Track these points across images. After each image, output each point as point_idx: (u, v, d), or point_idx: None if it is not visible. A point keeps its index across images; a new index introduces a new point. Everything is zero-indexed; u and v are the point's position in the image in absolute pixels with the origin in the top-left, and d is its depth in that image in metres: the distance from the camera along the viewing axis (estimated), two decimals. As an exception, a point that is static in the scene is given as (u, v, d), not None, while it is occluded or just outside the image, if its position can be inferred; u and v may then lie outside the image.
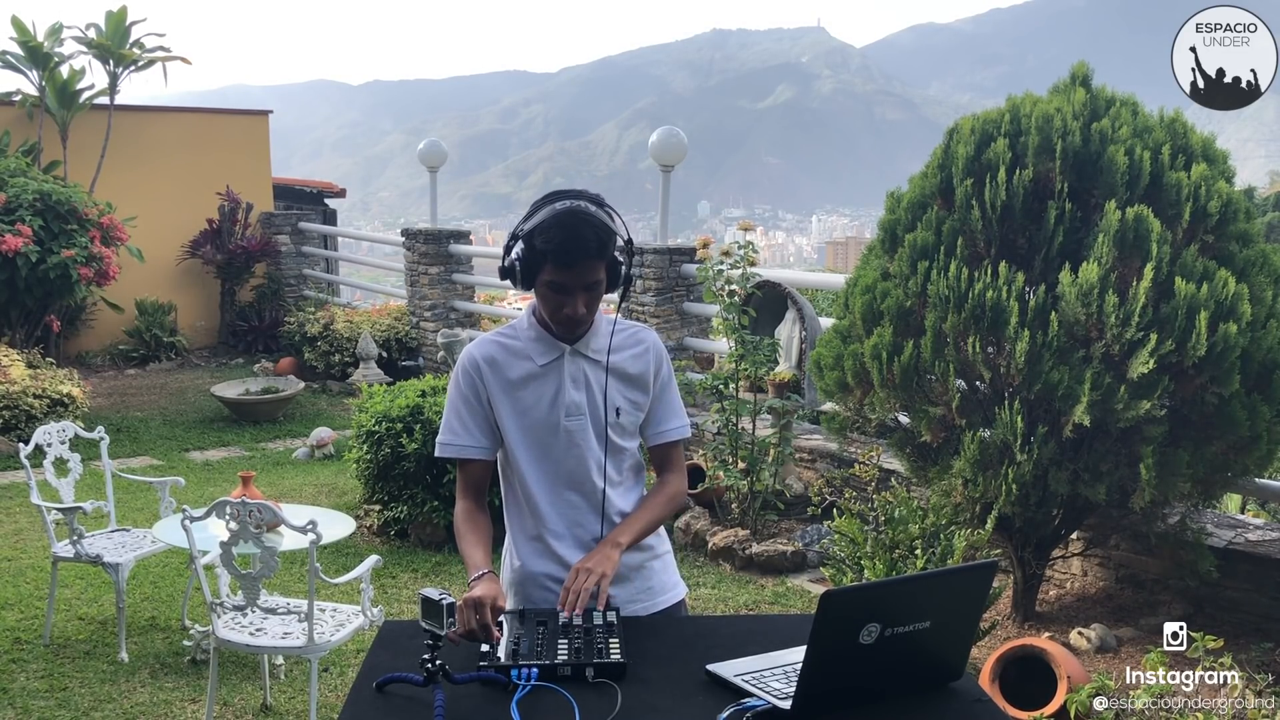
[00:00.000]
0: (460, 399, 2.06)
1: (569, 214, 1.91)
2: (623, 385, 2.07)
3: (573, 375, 2.03)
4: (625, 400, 2.07)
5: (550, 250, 1.90)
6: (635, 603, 2.10)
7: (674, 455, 2.16)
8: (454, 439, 2.07)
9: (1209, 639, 3.21)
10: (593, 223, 1.92)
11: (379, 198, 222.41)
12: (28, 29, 9.90)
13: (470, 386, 2.05)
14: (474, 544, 2.01)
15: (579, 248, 1.90)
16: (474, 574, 1.92)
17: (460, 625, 1.78)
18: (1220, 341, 3.51)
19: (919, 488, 4.43)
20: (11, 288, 8.23)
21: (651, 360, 2.10)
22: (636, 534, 2.04)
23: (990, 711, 1.69)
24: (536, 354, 2.04)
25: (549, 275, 1.93)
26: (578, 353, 2.04)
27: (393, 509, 5.36)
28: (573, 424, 2.03)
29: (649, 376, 2.10)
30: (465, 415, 2.06)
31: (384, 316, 9.98)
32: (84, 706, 3.66)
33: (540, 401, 2.03)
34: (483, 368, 2.05)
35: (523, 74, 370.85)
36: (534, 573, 2.07)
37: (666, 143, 7.42)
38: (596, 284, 1.96)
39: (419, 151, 10.27)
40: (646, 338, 2.12)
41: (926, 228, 4.01)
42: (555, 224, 1.91)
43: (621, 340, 2.07)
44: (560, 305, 1.96)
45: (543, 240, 1.91)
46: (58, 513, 4.17)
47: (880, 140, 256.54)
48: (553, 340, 2.04)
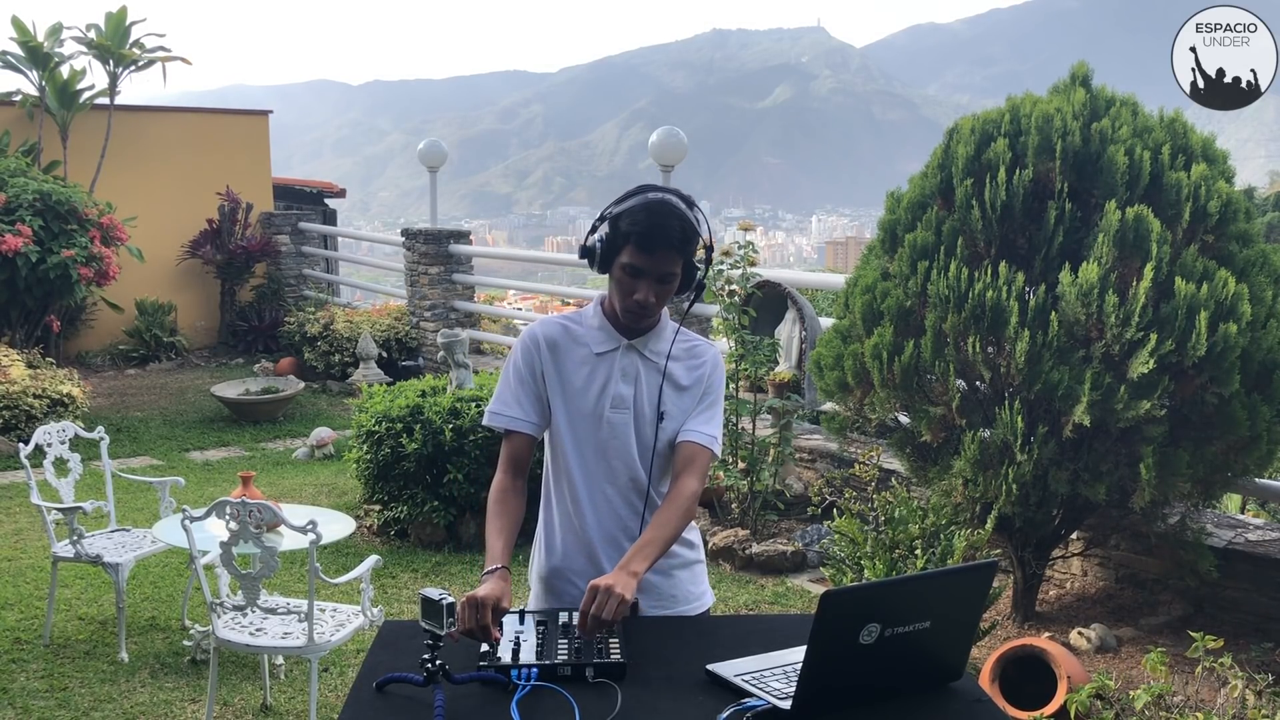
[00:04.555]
0: (515, 373, 2.07)
1: (660, 202, 1.96)
2: (674, 393, 2.07)
3: (624, 369, 2.04)
4: (674, 407, 2.06)
5: (635, 233, 1.93)
6: (658, 609, 2.09)
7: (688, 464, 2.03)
8: (505, 409, 2.07)
9: (1209, 639, 3.21)
10: (680, 215, 1.96)
11: (379, 198, 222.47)
12: (28, 29, 9.90)
13: (528, 362, 2.07)
14: (497, 532, 2.00)
15: (662, 235, 1.93)
16: (489, 566, 1.92)
17: (460, 624, 1.78)
18: (1220, 341, 3.51)
19: (919, 488, 4.43)
20: (11, 288, 8.23)
21: (707, 376, 2.09)
22: (652, 559, 1.93)
23: (990, 711, 1.69)
24: (595, 342, 2.06)
25: (627, 258, 1.95)
26: (634, 349, 2.05)
27: (393, 509, 5.36)
28: (616, 417, 2.04)
29: (699, 390, 2.09)
30: (518, 388, 2.07)
31: (384, 316, 9.98)
32: (84, 706, 3.66)
33: (589, 389, 2.04)
34: (543, 346, 2.06)
35: (522, 74, 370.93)
36: (562, 568, 2.08)
37: (666, 143, 7.42)
38: (671, 276, 1.97)
39: (419, 151, 10.27)
40: (707, 353, 2.12)
41: (926, 228, 4.01)
42: (644, 209, 1.95)
43: (682, 350, 2.08)
44: (632, 290, 1.97)
45: (629, 222, 1.94)
46: (58, 513, 4.17)
47: (880, 140, 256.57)
48: (613, 332, 2.05)
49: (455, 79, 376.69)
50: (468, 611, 1.78)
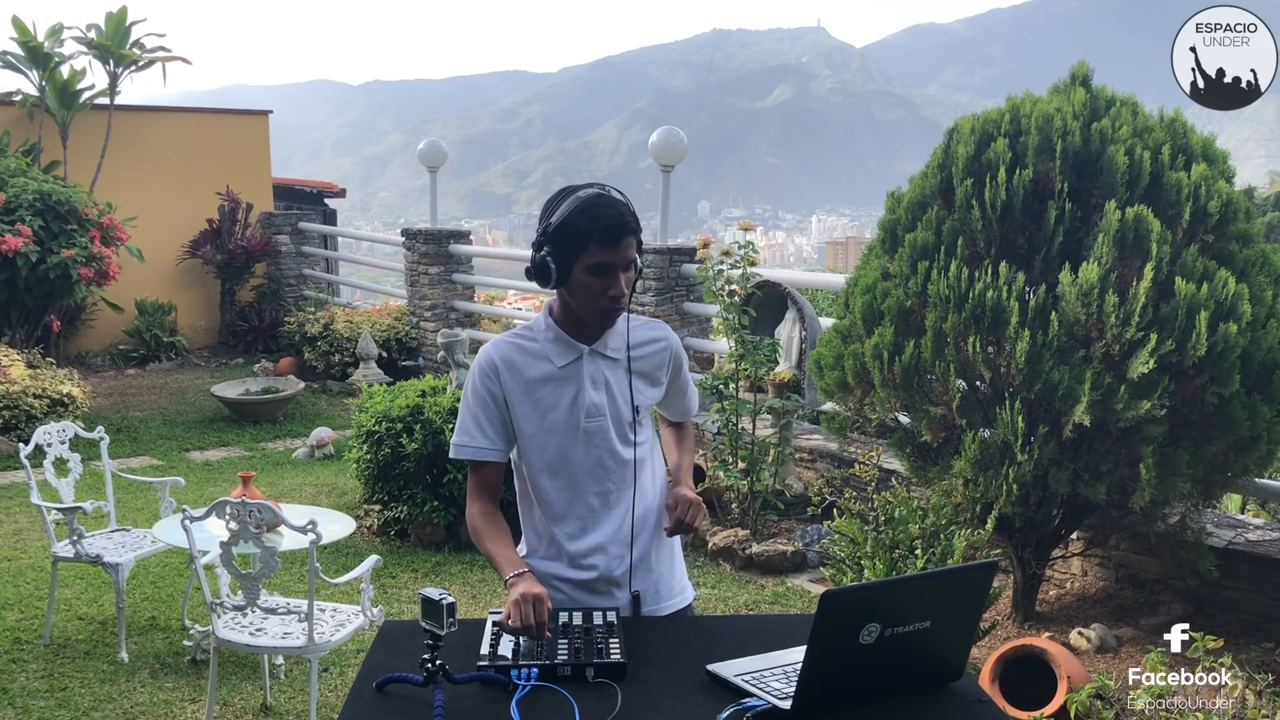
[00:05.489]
0: (476, 400, 2.05)
1: (597, 197, 1.94)
2: (644, 383, 2.09)
3: (592, 376, 2.03)
4: (643, 397, 2.09)
5: (595, 230, 1.91)
6: (645, 604, 2.11)
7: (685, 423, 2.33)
8: (470, 440, 2.06)
9: (1209, 639, 3.21)
10: (622, 201, 1.96)
11: (379, 198, 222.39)
12: (28, 29, 9.90)
13: (487, 388, 2.04)
14: (503, 543, 2.01)
15: (621, 223, 1.92)
16: (513, 570, 1.92)
17: (518, 620, 1.78)
18: (1220, 341, 3.51)
19: (919, 488, 4.43)
20: (11, 288, 8.23)
21: (669, 358, 2.13)
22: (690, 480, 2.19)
23: (990, 711, 1.69)
24: (555, 355, 2.03)
25: (594, 257, 1.92)
26: (596, 353, 2.04)
27: (393, 509, 5.36)
28: (592, 425, 2.03)
29: (665, 374, 2.13)
30: (481, 417, 2.05)
31: (384, 316, 9.98)
32: (84, 706, 3.66)
33: (560, 403, 2.03)
34: (500, 369, 2.04)
35: (522, 74, 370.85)
36: (544, 573, 2.06)
37: (666, 143, 7.42)
38: (632, 263, 1.97)
39: (419, 151, 10.27)
40: (664, 334, 2.13)
41: (927, 228, 4.01)
42: (591, 206, 1.92)
43: (639, 335, 2.08)
44: (606, 288, 1.95)
45: (584, 222, 1.91)
46: (58, 513, 4.17)
47: (880, 140, 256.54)
48: (571, 341, 2.03)
49: (455, 79, 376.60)
50: (524, 608, 1.79)
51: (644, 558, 2.10)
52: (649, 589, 2.11)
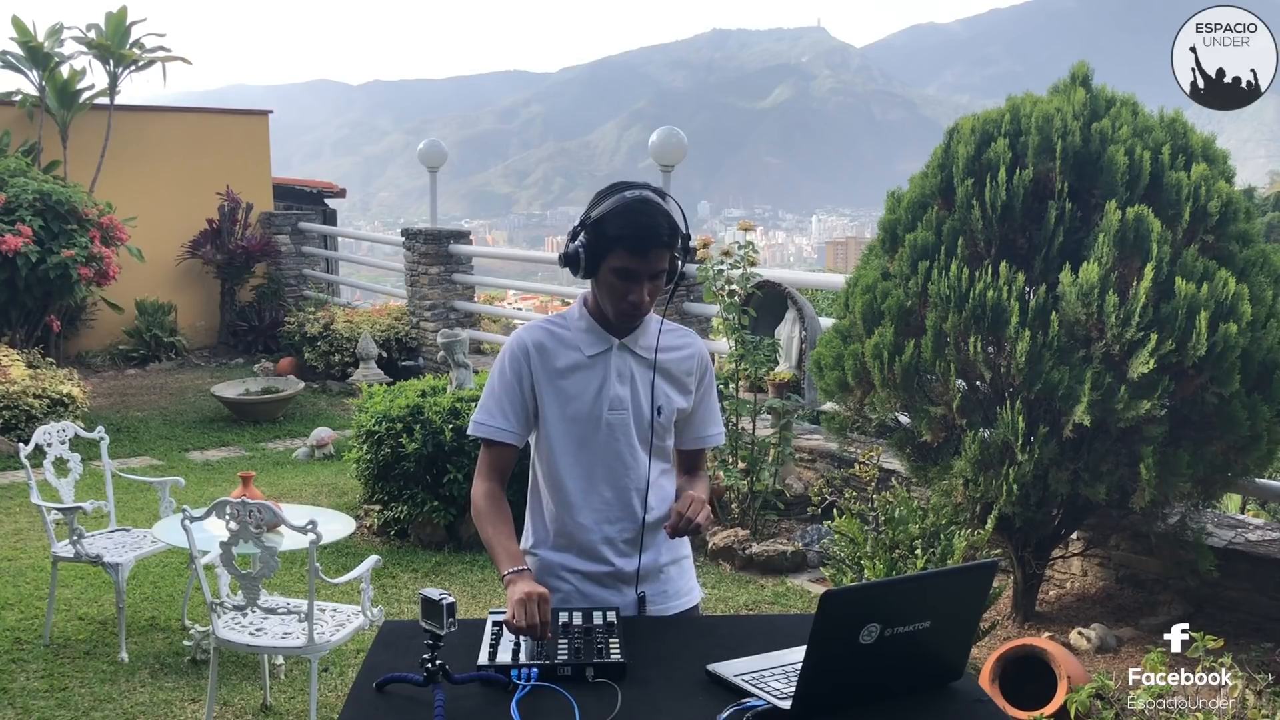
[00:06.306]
0: (502, 383, 2.06)
1: (641, 201, 1.94)
2: (667, 384, 2.09)
3: (619, 369, 2.04)
4: (667, 399, 2.08)
5: (625, 236, 1.92)
6: (651, 604, 2.11)
7: (703, 460, 2.24)
8: (490, 420, 2.06)
9: (1209, 639, 3.21)
10: (664, 212, 1.95)
11: (379, 198, 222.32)
12: (28, 29, 9.90)
13: (515, 371, 2.05)
14: (505, 533, 2.01)
15: (653, 235, 1.92)
16: (511, 566, 1.92)
17: (523, 619, 1.78)
18: (1220, 341, 3.51)
19: (919, 488, 4.43)
20: (11, 288, 8.23)
21: (696, 365, 2.12)
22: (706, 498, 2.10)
23: (990, 711, 1.69)
24: (585, 345, 2.04)
25: (619, 261, 1.93)
26: (626, 348, 2.05)
27: (393, 509, 5.36)
28: (615, 418, 2.04)
29: (692, 381, 2.12)
30: (504, 399, 2.05)
31: (384, 316, 9.98)
32: (84, 706, 3.66)
33: (585, 393, 2.04)
34: (531, 353, 2.05)
35: (522, 74, 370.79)
36: (553, 563, 2.07)
37: (666, 143, 7.42)
38: (661, 273, 1.97)
39: (419, 151, 10.27)
40: (693, 341, 2.14)
41: (927, 228, 4.01)
42: (628, 210, 1.93)
43: (669, 340, 2.09)
44: (626, 292, 1.96)
45: (617, 226, 1.92)
46: (58, 513, 4.17)
47: (880, 140, 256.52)
48: (603, 333, 2.05)
49: (455, 79, 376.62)
50: (528, 607, 1.79)
51: (653, 560, 2.10)
52: (655, 591, 2.11)
